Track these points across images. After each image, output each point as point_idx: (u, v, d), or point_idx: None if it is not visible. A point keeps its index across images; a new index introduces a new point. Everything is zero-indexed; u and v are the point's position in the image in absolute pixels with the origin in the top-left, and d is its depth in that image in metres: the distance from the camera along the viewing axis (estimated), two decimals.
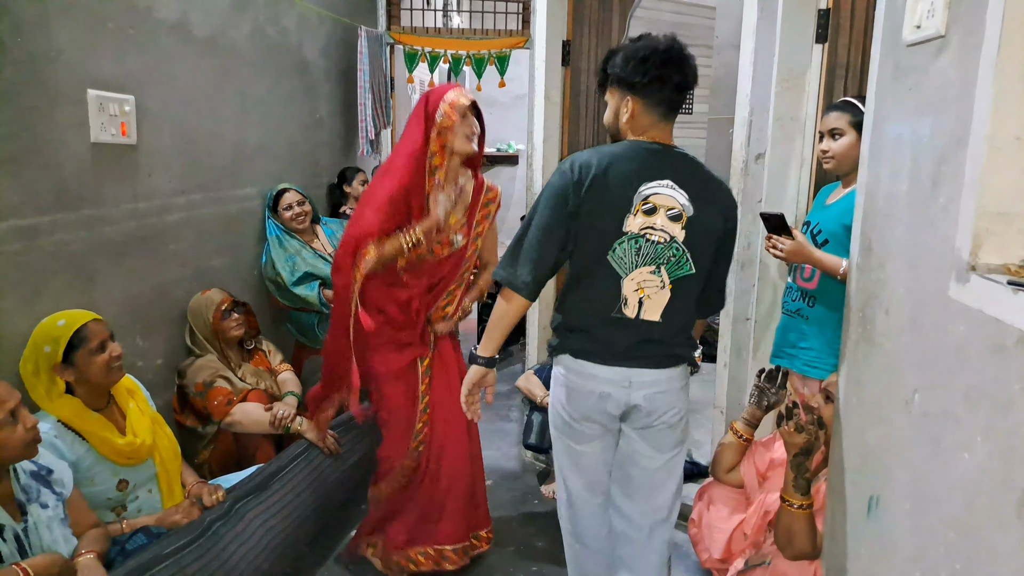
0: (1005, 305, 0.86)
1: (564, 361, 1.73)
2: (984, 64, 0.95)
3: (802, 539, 1.59)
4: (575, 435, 1.76)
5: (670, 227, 1.60)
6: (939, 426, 1.03)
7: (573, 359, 1.71)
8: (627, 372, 1.68)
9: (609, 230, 1.60)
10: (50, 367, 1.72)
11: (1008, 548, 0.85)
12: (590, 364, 1.69)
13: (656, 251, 1.61)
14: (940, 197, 1.07)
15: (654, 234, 1.60)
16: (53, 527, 1.52)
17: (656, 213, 1.60)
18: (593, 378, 1.68)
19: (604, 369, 1.68)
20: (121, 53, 2.08)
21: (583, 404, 1.71)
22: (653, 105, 1.63)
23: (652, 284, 1.63)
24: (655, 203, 1.59)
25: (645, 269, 1.62)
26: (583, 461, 1.78)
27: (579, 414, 1.73)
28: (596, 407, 1.71)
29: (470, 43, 3.91)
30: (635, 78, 1.61)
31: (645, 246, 1.61)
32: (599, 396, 1.69)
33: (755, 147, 2.53)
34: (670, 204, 1.60)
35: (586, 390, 1.70)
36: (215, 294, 2.40)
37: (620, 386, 1.68)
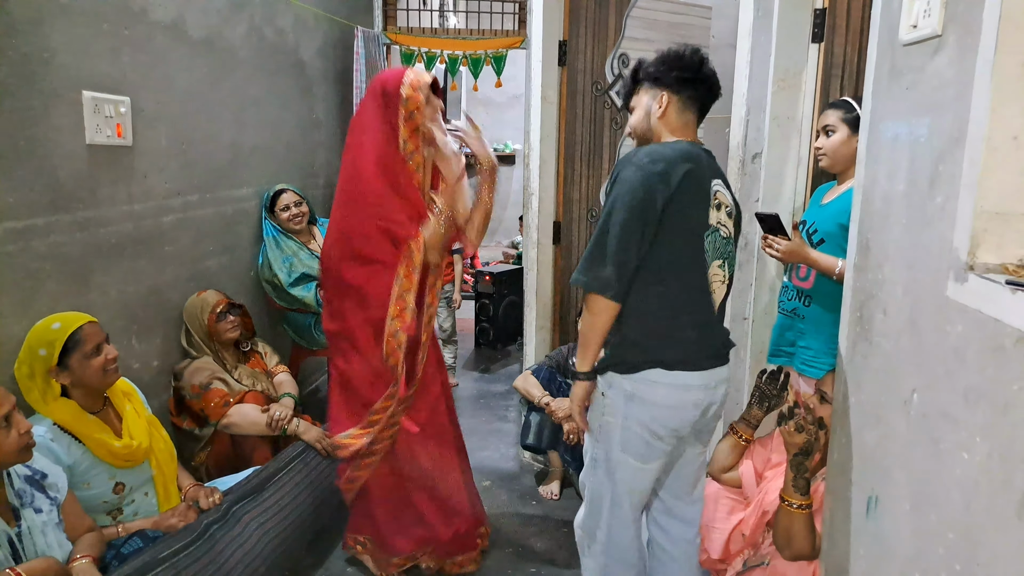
0: (1003, 305, 0.86)
1: (651, 376, 1.59)
2: (981, 64, 0.94)
3: (801, 539, 1.59)
4: (650, 453, 1.65)
5: (728, 223, 1.65)
6: (938, 426, 1.03)
7: (666, 371, 1.58)
8: (714, 373, 1.64)
9: (700, 223, 1.59)
10: (45, 370, 1.71)
11: (1008, 549, 0.85)
12: (685, 374, 1.59)
13: (724, 246, 1.64)
14: (938, 197, 1.06)
15: (722, 228, 1.63)
16: (48, 532, 1.51)
17: (721, 209, 1.63)
18: (688, 388, 1.59)
19: (698, 376, 1.60)
20: (116, 54, 2.07)
21: (675, 418, 1.61)
22: (687, 102, 1.67)
23: (718, 279, 1.63)
24: (720, 199, 1.63)
25: (716, 263, 1.62)
26: (646, 479, 1.70)
27: (667, 430, 1.62)
28: (688, 419, 1.62)
29: (467, 43, 3.90)
30: (672, 72, 1.65)
31: (719, 241, 1.62)
32: (693, 405, 1.61)
33: (752, 147, 2.53)
34: (727, 201, 1.66)
35: (681, 402, 1.60)
36: (210, 296, 2.39)
37: (709, 390, 1.63)
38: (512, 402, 3.88)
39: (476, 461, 3.20)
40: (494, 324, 4.89)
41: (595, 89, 3.32)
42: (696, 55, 1.66)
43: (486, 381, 4.34)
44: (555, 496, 2.84)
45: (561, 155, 3.39)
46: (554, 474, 2.91)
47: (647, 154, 1.56)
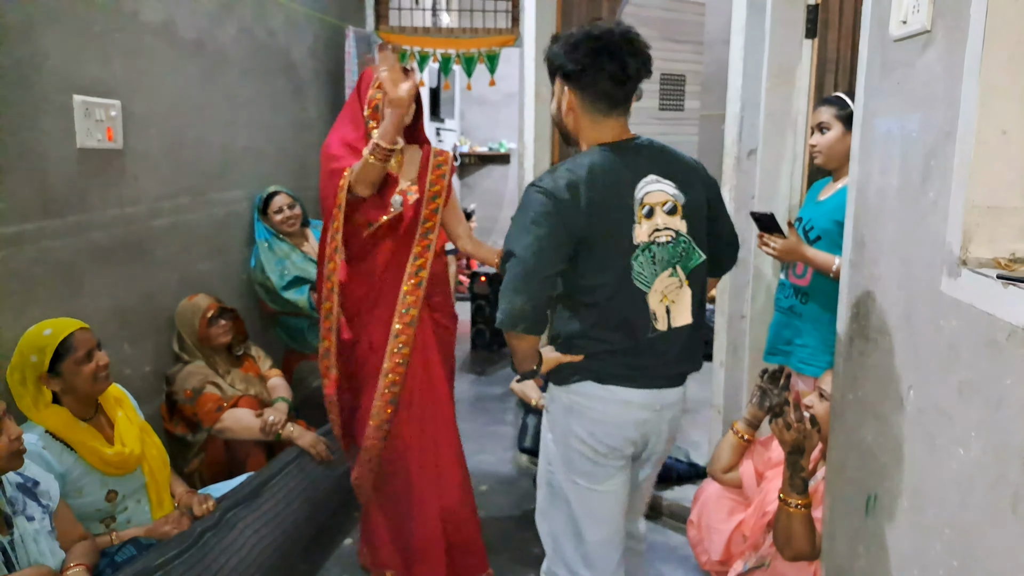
0: (996, 299, 0.86)
1: (585, 389, 1.50)
2: (969, 58, 0.94)
3: (800, 539, 1.58)
4: (597, 473, 1.53)
5: (671, 222, 1.47)
6: (933, 422, 1.03)
7: (600, 385, 1.48)
8: (659, 395, 1.53)
9: (622, 247, 1.43)
10: (36, 377, 1.70)
11: (1004, 544, 0.85)
12: (622, 389, 1.49)
13: (669, 252, 1.47)
14: (930, 192, 1.06)
15: (660, 235, 1.46)
16: (40, 540, 1.50)
17: (655, 214, 1.46)
18: (627, 404, 1.50)
19: (640, 393, 1.50)
20: (106, 58, 2.06)
21: (614, 436, 1.51)
22: (595, 98, 1.46)
23: (672, 287, 1.49)
24: (649, 203, 1.45)
25: (664, 275, 1.47)
26: (606, 505, 1.56)
27: (606, 447, 1.51)
28: (628, 437, 1.52)
29: (459, 42, 3.89)
30: (568, 66, 1.44)
31: (658, 252, 1.46)
32: (634, 424, 1.51)
33: (747, 143, 2.53)
34: (663, 199, 1.47)
35: (619, 420, 1.50)
36: (201, 300, 2.38)
37: (654, 410, 1.52)
38: (509, 405, 3.87)
39: (473, 465, 3.18)
40: (490, 326, 4.88)
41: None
42: (590, 42, 1.41)
43: (483, 384, 4.33)
44: None
45: (555, 153, 3.39)
46: None
47: (552, 180, 1.42)
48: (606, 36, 1.42)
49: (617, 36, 1.42)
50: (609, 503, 1.56)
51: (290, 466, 2.21)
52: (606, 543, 1.57)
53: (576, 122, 1.50)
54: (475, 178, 8.00)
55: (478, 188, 8.05)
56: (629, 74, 1.44)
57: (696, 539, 2.10)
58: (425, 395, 2.12)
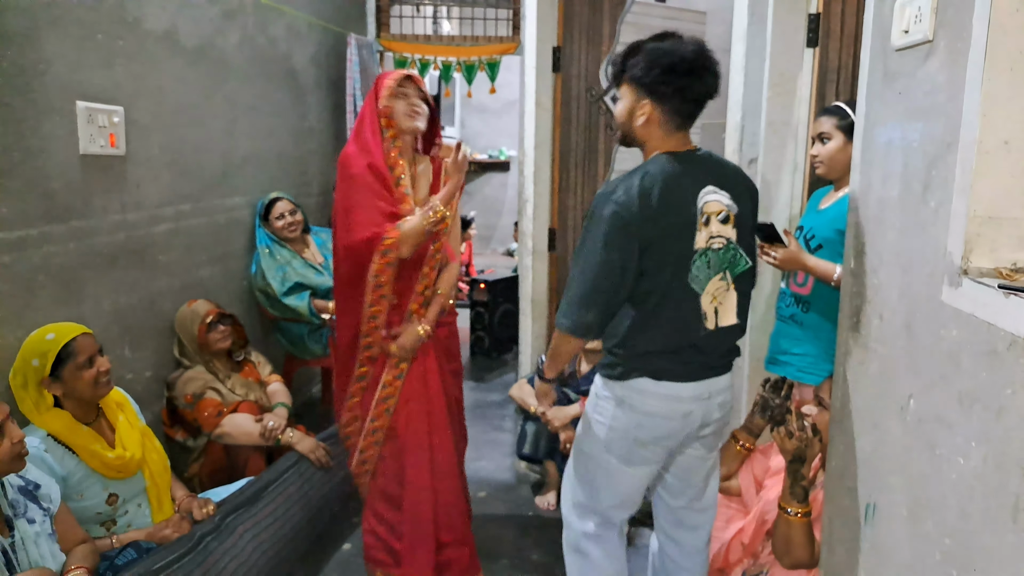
0: (997, 309, 0.86)
1: (639, 384, 1.60)
2: (971, 68, 0.95)
3: (800, 548, 1.58)
4: (634, 458, 1.65)
5: (724, 231, 1.58)
6: (933, 432, 1.03)
7: (654, 381, 1.59)
8: (709, 384, 1.62)
9: (685, 252, 1.54)
10: (38, 381, 1.70)
11: (1003, 554, 0.85)
12: (675, 384, 1.59)
13: (720, 258, 1.58)
14: (931, 201, 1.06)
15: (715, 242, 1.57)
16: (40, 543, 1.50)
17: (710, 222, 1.56)
18: (678, 399, 1.60)
19: (690, 387, 1.60)
20: (110, 64, 2.07)
21: (661, 427, 1.62)
22: (671, 114, 1.56)
23: (721, 290, 1.60)
24: (707, 212, 1.55)
25: (716, 279, 1.58)
26: (629, 483, 1.70)
27: (651, 438, 1.63)
28: (676, 429, 1.63)
29: (460, 50, 3.91)
30: (658, 87, 1.53)
31: (713, 257, 1.56)
32: (682, 416, 1.61)
33: (748, 152, 2.54)
34: (718, 208, 1.56)
35: (668, 412, 1.60)
36: (201, 306, 2.38)
37: (701, 400, 1.62)
38: (508, 412, 3.87)
39: (472, 472, 3.19)
40: (489, 333, 4.87)
41: (589, 95, 3.33)
42: (688, 65, 1.51)
43: (482, 390, 4.32)
44: (552, 506, 2.82)
45: (556, 161, 3.40)
46: (551, 484, 2.89)
47: (625, 191, 1.51)
48: (697, 60, 1.52)
49: (699, 57, 1.52)
50: (632, 483, 1.70)
51: (290, 471, 2.21)
52: (618, 508, 1.74)
53: (649, 132, 1.59)
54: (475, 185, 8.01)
55: (478, 195, 8.06)
56: (710, 95, 1.57)
57: None
58: (422, 400, 2.11)
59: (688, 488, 1.78)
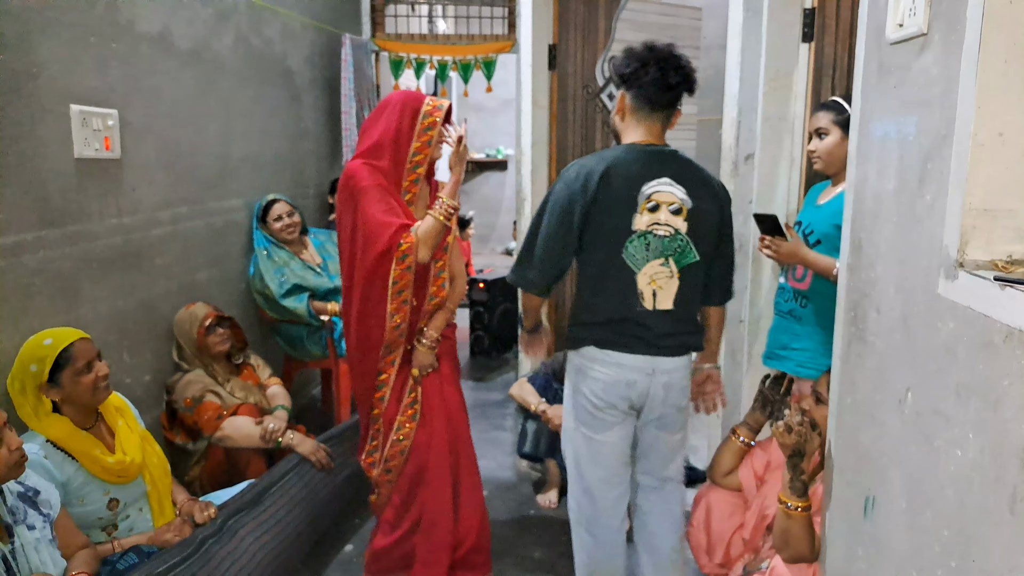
0: (993, 301, 0.86)
1: (588, 352, 1.81)
2: (966, 61, 0.95)
3: (799, 542, 1.58)
4: (596, 424, 1.83)
5: (673, 221, 1.74)
6: (931, 424, 1.03)
7: (599, 349, 1.79)
8: (652, 360, 1.78)
9: (620, 230, 1.72)
10: (36, 386, 1.70)
11: (1001, 545, 0.85)
12: (617, 353, 1.78)
13: (663, 244, 1.74)
14: (927, 195, 1.06)
15: (659, 229, 1.73)
16: (41, 549, 1.49)
17: (659, 209, 1.73)
18: (620, 366, 1.78)
19: (631, 358, 1.77)
20: (104, 67, 2.07)
21: (609, 392, 1.80)
22: (640, 100, 1.75)
23: (662, 275, 1.76)
24: (657, 200, 1.73)
25: (655, 262, 1.75)
26: (603, 452, 1.85)
27: (603, 402, 1.81)
28: (621, 395, 1.80)
29: (456, 48, 3.91)
30: (630, 74, 1.74)
31: (653, 241, 1.74)
32: (626, 384, 1.79)
33: (744, 148, 2.54)
34: (670, 200, 1.74)
35: (613, 378, 1.79)
36: (199, 309, 2.38)
37: (645, 373, 1.79)
38: (508, 411, 3.87)
39: None
40: (489, 332, 4.87)
41: (586, 92, 3.33)
42: (653, 55, 1.71)
43: (482, 390, 4.32)
44: (553, 504, 2.83)
45: (553, 159, 3.40)
46: (552, 482, 2.89)
47: (575, 168, 1.74)
48: (658, 50, 1.73)
49: (666, 52, 1.73)
50: (605, 451, 1.85)
51: (290, 473, 2.21)
52: (602, 482, 1.88)
53: (623, 120, 1.81)
54: (473, 185, 8.01)
55: (476, 195, 8.06)
56: (670, 83, 1.72)
57: (696, 542, 2.10)
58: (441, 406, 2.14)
59: (647, 464, 1.93)
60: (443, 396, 2.14)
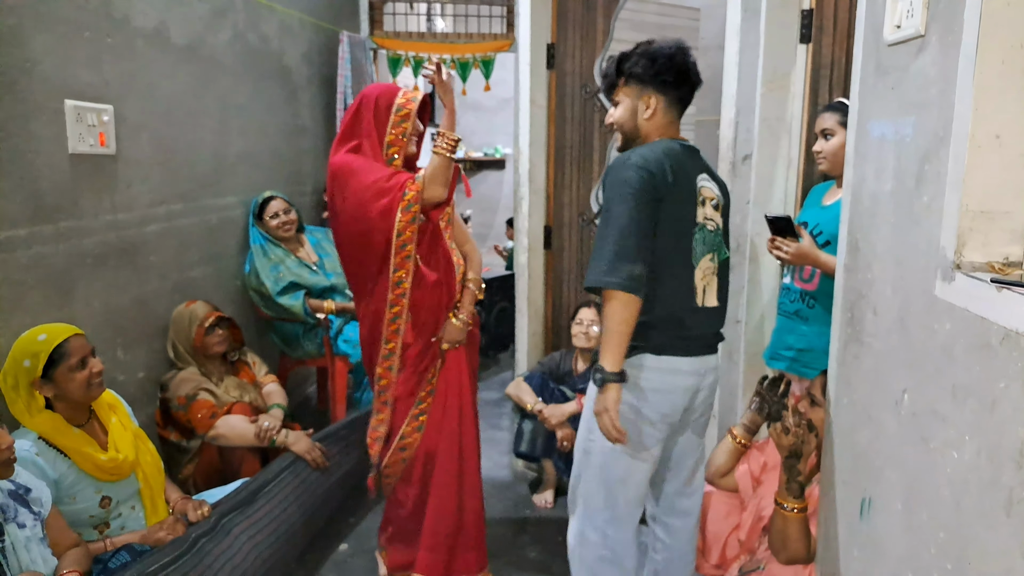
0: (989, 303, 0.86)
1: (641, 360, 1.64)
2: (963, 63, 0.95)
3: (796, 543, 1.58)
4: (645, 440, 1.67)
5: (715, 216, 1.71)
6: (928, 425, 1.03)
7: (656, 356, 1.64)
8: (704, 361, 1.70)
9: (689, 221, 1.66)
10: (29, 382, 1.69)
11: (997, 547, 0.85)
12: (675, 359, 1.65)
13: (712, 239, 1.70)
14: (924, 196, 1.06)
15: (709, 223, 1.69)
16: (31, 547, 1.48)
17: (707, 204, 1.69)
18: (678, 372, 1.66)
19: (688, 361, 1.67)
20: (98, 62, 2.06)
21: (666, 403, 1.66)
22: (673, 103, 1.72)
23: (710, 270, 1.70)
24: (704, 195, 1.69)
25: (706, 257, 1.68)
26: (640, 472, 1.70)
27: (658, 415, 1.66)
28: (679, 403, 1.67)
29: (454, 47, 3.90)
30: (661, 77, 1.68)
31: (708, 235, 1.69)
32: (683, 390, 1.67)
33: (742, 148, 2.54)
34: (711, 195, 1.71)
35: (671, 387, 1.66)
36: (199, 308, 2.36)
37: (698, 375, 1.69)
38: (505, 410, 3.86)
39: None
40: (486, 331, 4.85)
41: (584, 92, 3.32)
42: (683, 55, 1.70)
43: (478, 389, 4.31)
44: (549, 504, 2.82)
45: (551, 159, 3.39)
46: (548, 482, 2.89)
47: (641, 156, 1.61)
48: (684, 51, 1.72)
49: (688, 53, 1.72)
50: (644, 470, 1.71)
51: (285, 472, 2.20)
52: (634, 504, 1.74)
53: (654, 123, 1.73)
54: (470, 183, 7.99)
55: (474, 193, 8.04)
56: (697, 85, 1.76)
57: None
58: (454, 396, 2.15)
59: (681, 472, 1.82)
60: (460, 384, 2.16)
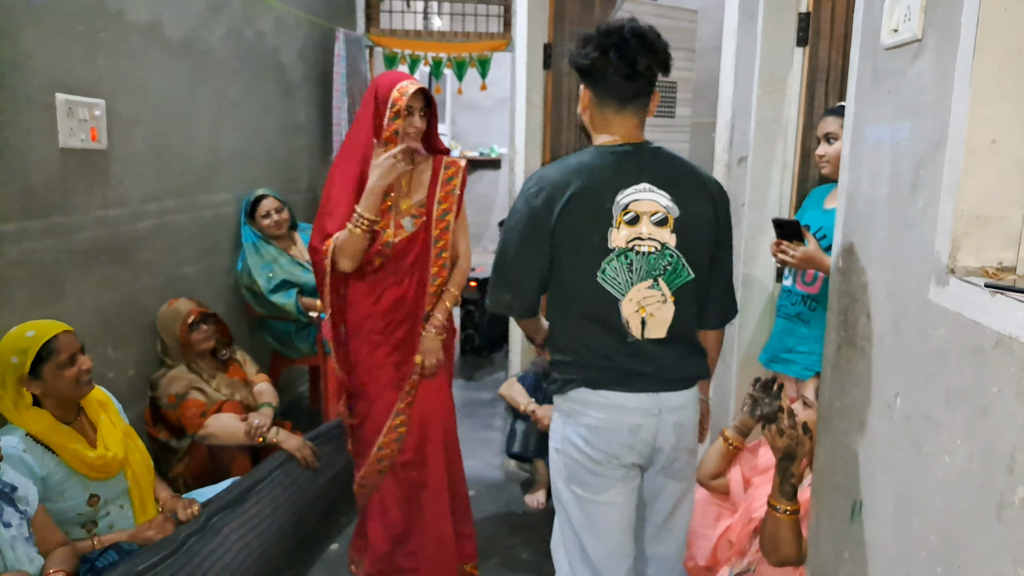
0: (983, 308, 0.86)
1: (579, 396, 1.49)
2: (960, 67, 0.94)
3: (787, 545, 1.58)
4: (594, 484, 1.50)
5: (657, 234, 1.44)
6: (920, 429, 1.03)
7: (592, 391, 1.47)
8: (657, 397, 1.48)
9: (594, 249, 1.43)
10: (16, 379, 1.67)
11: (988, 551, 0.85)
12: (614, 393, 1.46)
13: (649, 263, 1.44)
14: (919, 200, 1.06)
15: (642, 244, 1.44)
16: (17, 546, 1.47)
17: (640, 221, 1.44)
18: (620, 408, 1.47)
19: (632, 397, 1.47)
20: (91, 57, 2.04)
21: (609, 441, 1.48)
22: (602, 94, 1.47)
23: (653, 300, 1.46)
24: (636, 211, 1.43)
25: (642, 285, 1.45)
26: (607, 519, 1.52)
27: (602, 455, 1.48)
28: (624, 442, 1.48)
29: (451, 46, 3.89)
30: (580, 61, 1.45)
31: (636, 260, 1.44)
32: (629, 428, 1.47)
33: (737, 151, 2.54)
34: (652, 209, 1.44)
35: (613, 424, 1.47)
36: (182, 305, 2.34)
37: (651, 415, 1.48)
38: (498, 410, 3.86)
39: None
40: (479, 331, 4.86)
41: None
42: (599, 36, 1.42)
43: (471, 389, 4.31)
44: (541, 505, 2.82)
45: (547, 158, 3.39)
46: (540, 482, 2.89)
47: (539, 179, 1.47)
48: (615, 31, 1.41)
49: (627, 31, 1.41)
50: (610, 515, 1.52)
51: (276, 471, 2.19)
52: (609, 557, 1.53)
53: (590, 119, 1.52)
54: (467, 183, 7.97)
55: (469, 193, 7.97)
56: (638, 69, 1.41)
57: None
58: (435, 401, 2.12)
59: (653, 518, 1.61)
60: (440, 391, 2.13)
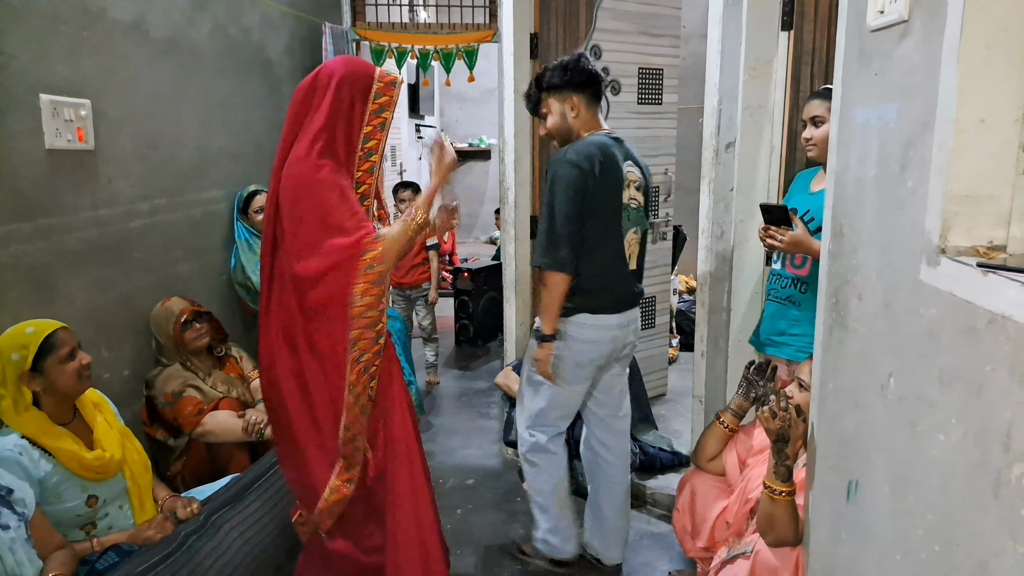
0: (975, 287, 0.87)
1: (581, 319, 2.08)
2: (947, 48, 0.95)
3: (783, 526, 1.60)
4: (573, 379, 2.15)
5: (637, 196, 2.14)
6: (914, 409, 1.04)
7: (592, 315, 2.08)
8: (627, 315, 2.15)
9: (618, 204, 2.08)
10: (17, 376, 1.66)
11: (985, 529, 0.86)
12: (607, 316, 2.10)
13: (636, 216, 2.14)
14: (908, 181, 1.07)
15: (633, 202, 2.13)
16: (16, 549, 1.46)
17: (631, 186, 2.11)
18: (609, 327, 2.11)
19: (616, 317, 2.12)
20: (75, 56, 2.02)
21: (596, 351, 2.12)
22: (590, 99, 2.11)
23: (634, 241, 2.15)
24: (628, 179, 2.10)
25: (631, 230, 2.13)
26: (569, 398, 2.20)
27: (588, 360, 2.13)
28: (605, 351, 2.14)
29: (437, 38, 3.86)
30: (576, 78, 2.06)
31: (632, 213, 2.12)
32: (611, 340, 2.13)
33: (725, 136, 2.54)
34: (634, 178, 2.13)
35: (602, 338, 2.11)
36: (175, 304, 2.33)
37: (623, 328, 2.15)
38: (494, 399, 3.87)
39: (459, 459, 3.19)
40: (474, 321, 4.87)
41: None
42: (585, 60, 2.09)
43: (467, 379, 4.32)
44: None
45: (535, 148, 3.38)
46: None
47: (575, 152, 1.98)
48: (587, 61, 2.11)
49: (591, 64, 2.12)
50: (573, 397, 2.21)
51: (275, 467, 2.18)
52: (561, 419, 2.25)
53: (580, 121, 2.11)
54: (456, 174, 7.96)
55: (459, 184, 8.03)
56: (600, 84, 2.15)
57: (681, 526, 2.11)
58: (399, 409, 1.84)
59: (610, 399, 2.28)
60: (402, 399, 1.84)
